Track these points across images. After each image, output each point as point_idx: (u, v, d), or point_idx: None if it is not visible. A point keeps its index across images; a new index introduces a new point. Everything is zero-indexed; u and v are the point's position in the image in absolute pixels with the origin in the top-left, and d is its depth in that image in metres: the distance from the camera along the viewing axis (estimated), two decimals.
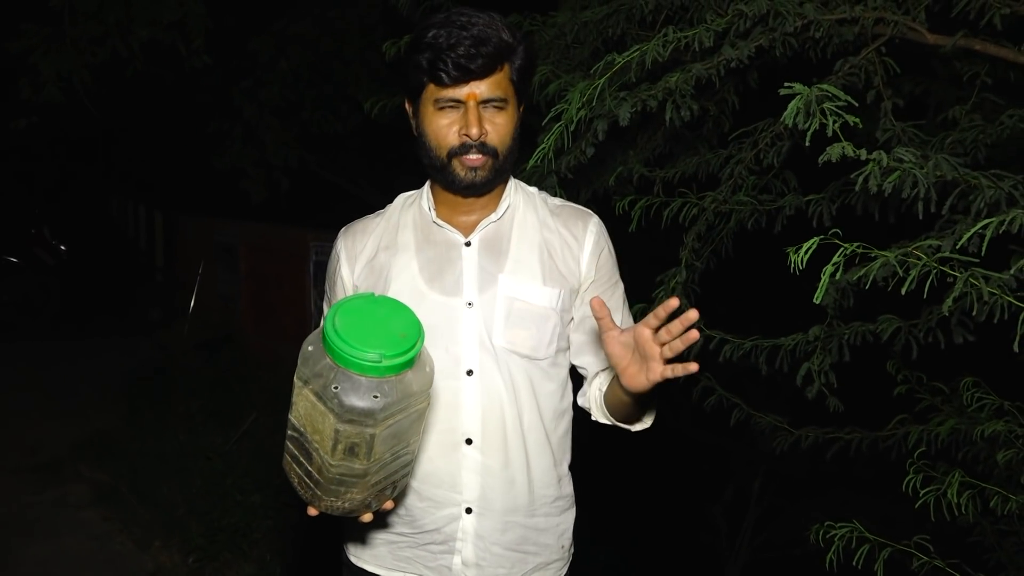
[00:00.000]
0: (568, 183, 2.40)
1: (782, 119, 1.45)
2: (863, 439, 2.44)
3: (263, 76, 5.63)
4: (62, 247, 9.08)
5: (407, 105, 1.41)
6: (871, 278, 1.43)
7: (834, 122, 1.41)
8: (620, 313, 1.51)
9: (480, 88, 1.30)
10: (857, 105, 1.41)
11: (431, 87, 1.32)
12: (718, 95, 2.75)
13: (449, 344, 1.37)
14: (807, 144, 1.44)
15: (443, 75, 1.28)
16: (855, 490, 4.23)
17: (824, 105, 1.41)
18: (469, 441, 1.39)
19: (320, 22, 5.25)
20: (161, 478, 4.13)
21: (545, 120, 2.01)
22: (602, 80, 1.91)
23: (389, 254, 1.43)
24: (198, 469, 4.15)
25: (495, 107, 1.32)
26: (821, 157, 1.46)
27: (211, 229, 8.01)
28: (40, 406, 5.37)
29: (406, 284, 1.39)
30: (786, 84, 1.44)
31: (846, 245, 1.41)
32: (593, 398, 1.48)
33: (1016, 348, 1.42)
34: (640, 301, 2.56)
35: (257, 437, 4.61)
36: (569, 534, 1.52)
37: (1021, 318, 1.38)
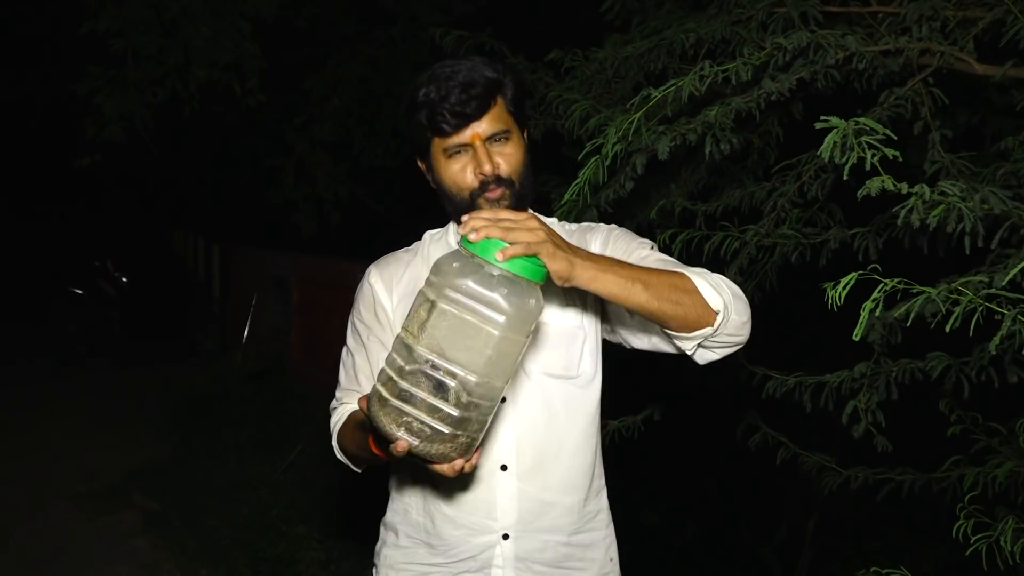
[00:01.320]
0: (608, 217, 2.39)
1: (819, 153, 1.42)
2: (916, 480, 2.35)
3: (315, 113, 5.78)
4: (124, 279, 9.40)
5: (420, 163, 1.47)
6: (913, 315, 1.38)
7: (872, 155, 1.38)
8: (658, 262, 1.39)
9: (481, 127, 1.35)
10: (896, 138, 1.37)
11: (436, 140, 1.37)
12: (761, 127, 2.72)
13: None
14: (846, 178, 1.41)
15: (444, 126, 1.34)
16: (912, 533, 4.06)
17: (862, 139, 1.38)
18: (504, 467, 1.40)
19: (371, 61, 5.39)
20: (209, 507, 4.20)
21: (582, 155, 2.01)
22: (638, 115, 1.91)
23: (423, 274, 1.44)
24: (245, 499, 4.21)
25: (501, 140, 1.37)
26: (860, 191, 1.42)
27: (263, 262, 8.20)
28: (98, 433, 5.53)
29: None
30: (822, 117, 1.41)
31: (886, 281, 1.37)
32: None
33: None
34: None
35: (303, 468, 4.66)
36: (615, 547, 1.52)
37: None
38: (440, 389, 1.06)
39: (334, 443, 1.45)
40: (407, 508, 1.49)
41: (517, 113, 1.40)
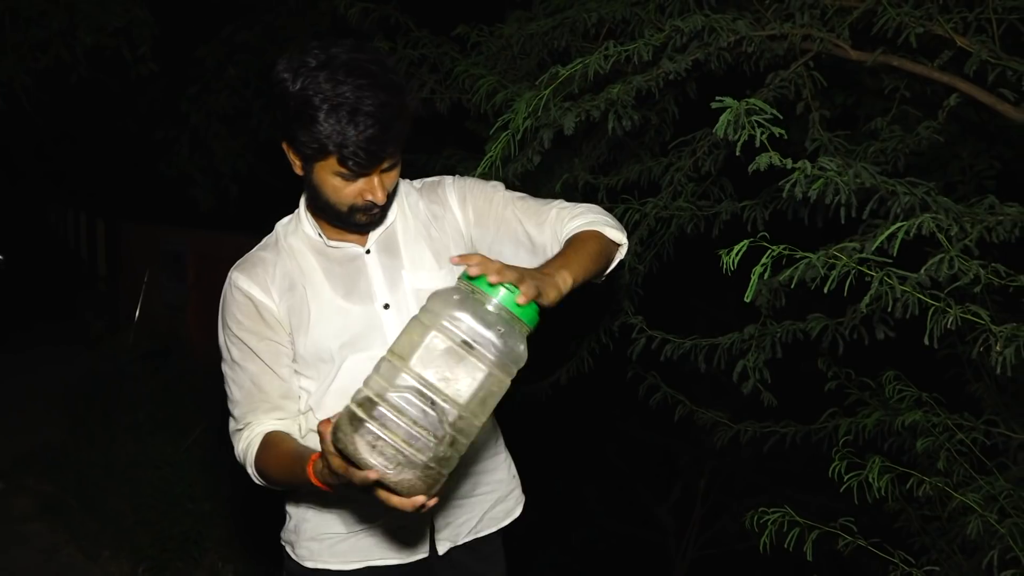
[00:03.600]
0: (515, 188, 2.48)
1: (714, 130, 1.55)
2: (797, 432, 2.57)
3: (211, 83, 5.59)
4: (0, 256, 8.86)
5: (287, 150, 1.37)
6: (796, 278, 1.54)
7: (761, 133, 1.51)
8: (519, 213, 1.50)
9: (383, 165, 1.32)
10: (782, 118, 1.52)
11: (332, 160, 1.29)
12: (659, 105, 2.86)
13: (378, 347, 1.37)
14: (738, 154, 1.54)
15: (352, 165, 1.28)
16: (796, 487, 4.39)
17: (752, 118, 1.51)
18: None
19: (269, 30, 5.24)
20: (108, 489, 4.10)
21: (493, 129, 2.09)
22: (547, 91, 2.00)
23: (301, 280, 1.45)
24: (147, 479, 4.12)
25: (392, 167, 1.36)
26: (750, 166, 1.56)
27: (157, 237, 7.91)
28: None
29: (327, 303, 1.43)
30: (717, 98, 1.54)
31: (774, 248, 1.52)
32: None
33: (927, 342, 1.54)
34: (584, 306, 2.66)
35: (206, 446, 4.58)
36: (514, 465, 1.68)
37: (930, 314, 1.51)
38: (423, 416, 1.05)
39: (250, 470, 1.42)
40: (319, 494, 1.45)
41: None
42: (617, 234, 1.44)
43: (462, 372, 1.06)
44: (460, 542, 1.56)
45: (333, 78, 1.25)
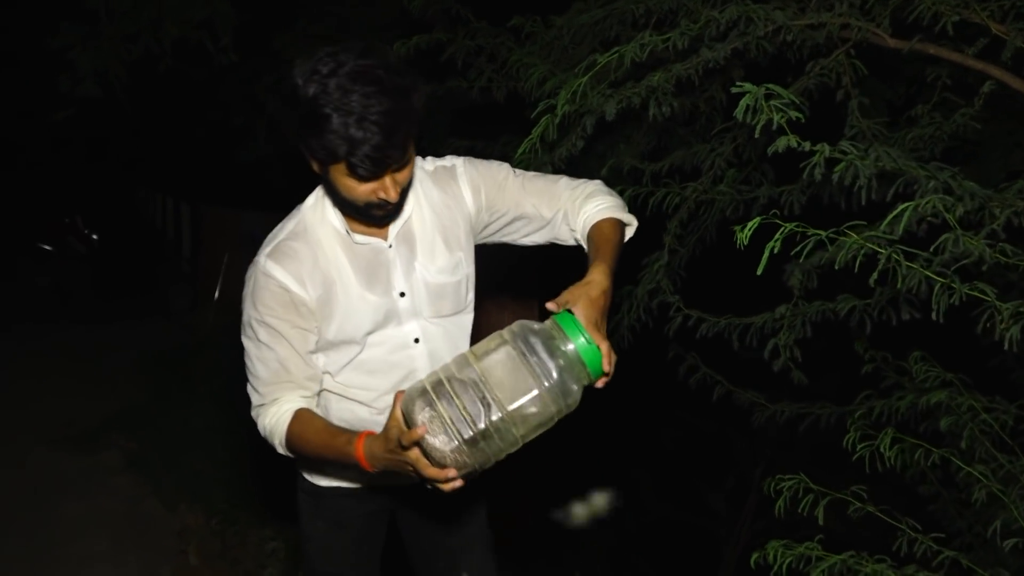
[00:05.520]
0: (561, 172, 2.61)
1: (733, 115, 1.65)
2: (832, 413, 2.63)
3: (286, 73, 5.87)
4: (94, 236, 9.42)
5: (307, 155, 1.41)
6: (823, 260, 1.62)
7: (780, 117, 1.60)
8: (530, 195, 1.63)
9: (394, 166, 1.39)
10: (798, 102, 1.60)
11: (342, 165, 1.36)
12: (707, 93, 2.94)
13: (392, 328, 1.61)
14: (757, 136, 1.64)
15: (361, 171, 1.34)
16: (849, 477, 4.38)
17: (772, 102, 1.61)
18: None
19: (339, 21, 5.48)
20: (187, 448, 4.41)
21: (535, 113, 2.22)
22: (584, 78, 2.12)
23: (334, 275, 1.54)
24: (222, 441, 4.41)
25: (402, 167, 1.42)
26: (769, 148, 1.66)
27: (237, 220, 8.28)
28: (73, 384, 5.65)
29: (355, 297, 1.56)
30: (737, 83, 1.64)
31: (786, 225, 1.61)
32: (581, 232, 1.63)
33: (934, 317, 1.62)
34: (627, 284, 2.77)
35: None
36: None
37: (936, 289, 1.58)
38: (472, 404, 1.23)
39: (277, 442, 1.53)
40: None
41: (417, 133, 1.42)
42: (629, 217, 1.61)
43: (517, 384, 1.25)
44: None
45: (342, 86, 1.30)
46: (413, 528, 1.90)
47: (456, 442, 1.23)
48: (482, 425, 1.22)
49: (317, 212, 1.57)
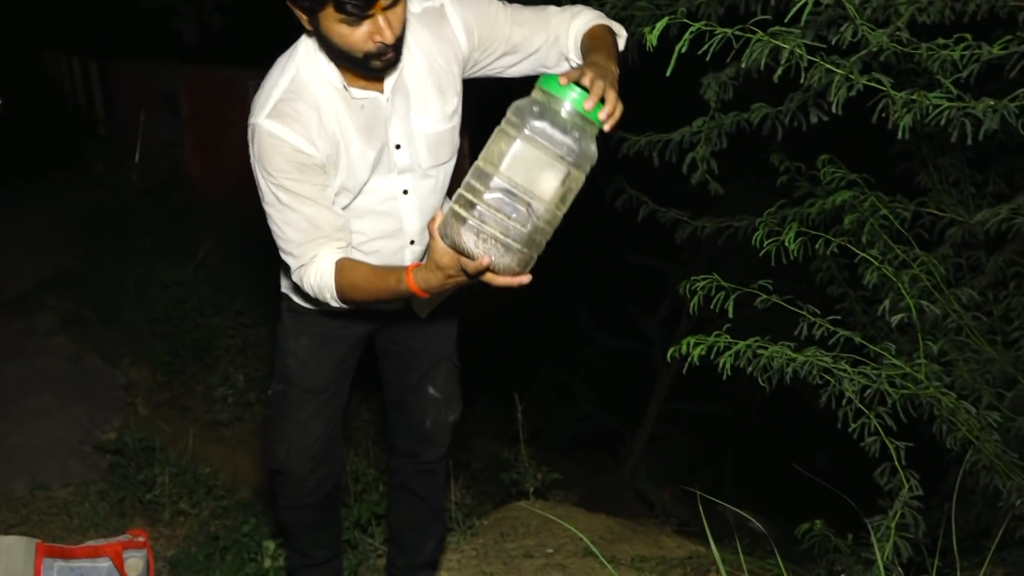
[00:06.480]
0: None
1: None
2: (748, 224, 2.74)
3: None
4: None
5: (289, 3, 1.40)
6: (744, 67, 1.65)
7: None
8: (521, 27, 1.62)
9: (382, 2, 1.35)
10: None
11: (331, 9, 1.34)
12: None
13: (388, 175, 1.63)
14: None
15: (350, 7, 1.32)
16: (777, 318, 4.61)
17: None
18: (412, 242, 1.73)
19: None
20: (124, 306, 4.40)
21: None
22: None
23: (339, 134, 1.54)
24: (158, 297, 4.41)
25: (394, 4, 1.38)
26: None
27: (150, 75, 7.87)
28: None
29: (356, 152, 1.57)
30: None
31: (696, 24, 1.63)
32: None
33: (834, 111, 1.68)
34: None
35: (212, 267, 4.85)
36: None
37: (835, 82, 1.63)
38: (515, 212, 1.25)
39: (329, 295, 1.54)
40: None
41: None
42: (619, 27, 1.62)
43: (546, 173, 1.26)
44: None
45: None
46: (391, 348, 1.98)
47: (516, 252, 1.28)
48: (530, 226, 1.28)
49: (312, 68, 1.53)
